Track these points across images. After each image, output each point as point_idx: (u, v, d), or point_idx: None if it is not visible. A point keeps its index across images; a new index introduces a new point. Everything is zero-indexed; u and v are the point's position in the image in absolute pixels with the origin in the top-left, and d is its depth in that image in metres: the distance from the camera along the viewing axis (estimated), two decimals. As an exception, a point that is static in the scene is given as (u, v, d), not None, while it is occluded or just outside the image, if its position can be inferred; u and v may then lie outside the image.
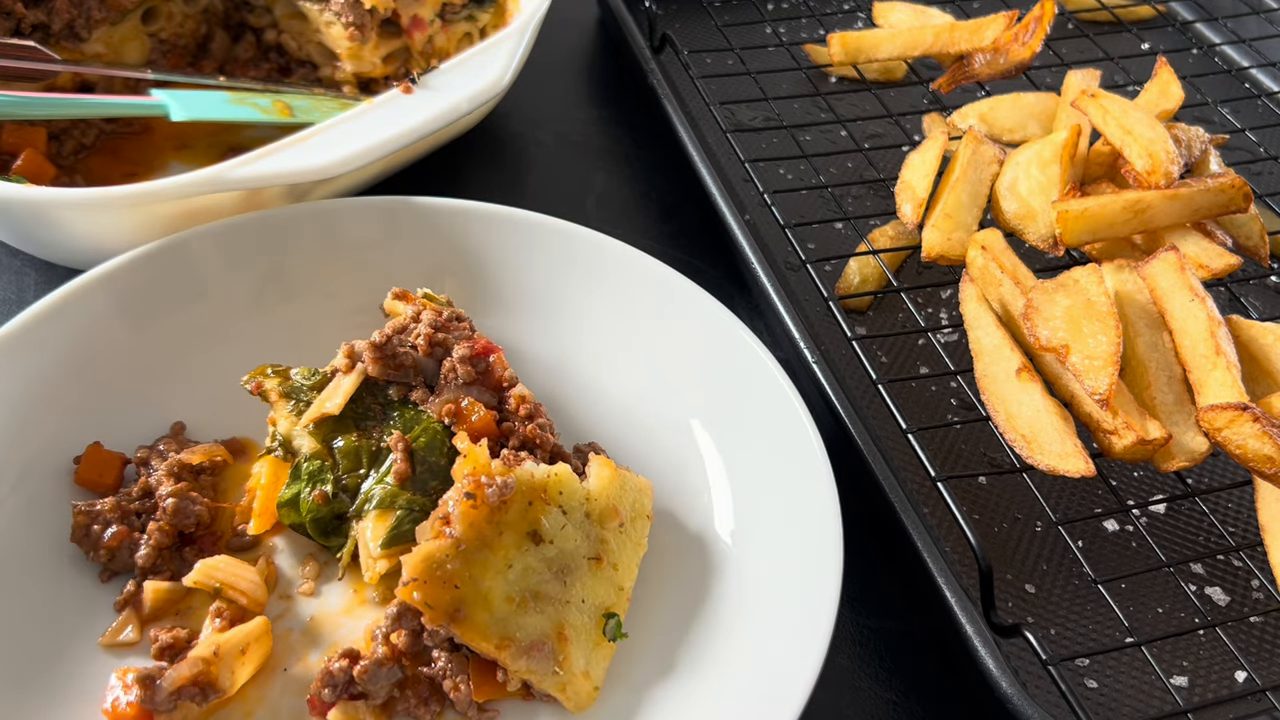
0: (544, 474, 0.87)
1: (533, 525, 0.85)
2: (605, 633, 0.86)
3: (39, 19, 1.19)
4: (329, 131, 1.08)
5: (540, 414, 0.97)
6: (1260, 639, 0.96)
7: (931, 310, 1.21)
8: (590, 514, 0.89)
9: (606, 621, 0.86)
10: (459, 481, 0.84)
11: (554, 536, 0.86)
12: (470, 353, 0.95)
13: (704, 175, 1.23)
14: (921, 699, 0.93)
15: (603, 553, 0.88)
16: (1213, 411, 0.88)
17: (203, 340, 1.04)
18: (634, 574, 0.90)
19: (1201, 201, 1.09)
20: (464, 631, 0.80)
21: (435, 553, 0.80)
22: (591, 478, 0.91)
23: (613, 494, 0.91)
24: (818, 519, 0.89)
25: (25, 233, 1.10)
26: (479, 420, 0.92)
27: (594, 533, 0.88)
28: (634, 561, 0.91)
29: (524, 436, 0.94)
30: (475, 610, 0.80)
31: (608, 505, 0.90)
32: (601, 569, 0.87)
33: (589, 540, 0.88)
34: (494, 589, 0.82)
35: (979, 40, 1.33)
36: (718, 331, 1.04)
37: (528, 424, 0.95)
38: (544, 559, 0.85)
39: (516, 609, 0.82)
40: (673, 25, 1.59)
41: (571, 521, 0.87)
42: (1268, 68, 1.57)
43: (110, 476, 0.94)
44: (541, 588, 0.84)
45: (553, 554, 0.85)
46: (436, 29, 1.36)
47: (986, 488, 1.05)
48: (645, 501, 0.94)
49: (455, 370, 0.94)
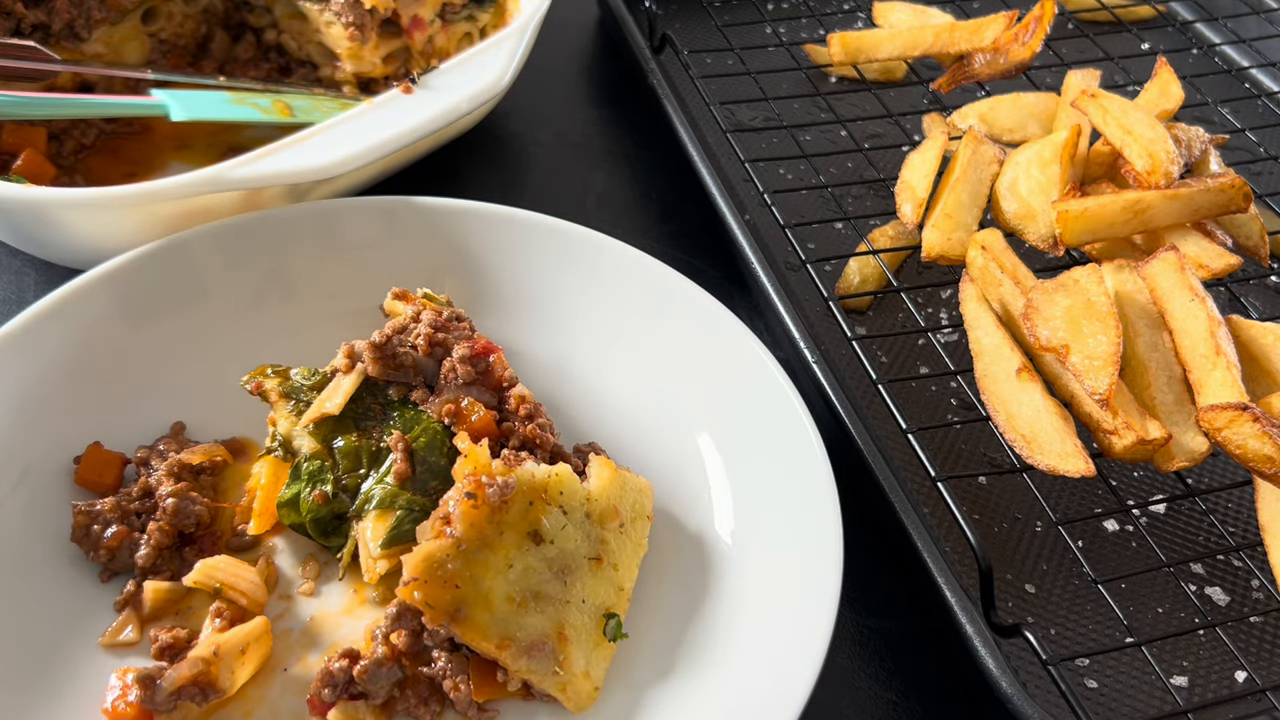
0: (545, 474, 0.87)
1: (533, 525, 0.85)
2: (605, 633, 0.86)
3: (39, 19, 1.19)
4: (329, 131, 1.08)
5: (540, 414, 0.97)
6: (1260, 639, 0.96)
7: (931, 310, 1.21)
8: (591, 514, 0.89)
9: (607, 622, 0.86)
10: (460, 481, 0.84)
11: (554, 536, 0.86)
12: (470, 353, 0.95)
13: (704, 175, 1.23)
14: (921, 699, 0.93)
15: (603, 553, 0.88)
16: (1213, 411, 0.88)
17: (203, 340, 1.04)
18: (634, 574, 0.90)
19: (1201, 201, 1.09)
20: (464, 631, 0.80)
21: (436, 552, 0.80)
22: (592, 478, 0.91)
23: (613, 494, 0.91)
24: (818, 519, 0.89)
25: (25, 233, 1.10)
26: (479, 420, 0.92)
27: (594, 533, 0.88)
28: (634, 562, 0.91)
29: (524, 436, 0.94)
30: (476, 610, 0.80)
31: (608, 506, 0.90)
32: (602, 569, 0.87)
33: (589, 540, 0.88)
34: (494, 589, 0.82)
35: (979, 40, 1.33)
36: (718, 331, 1.04)
37: (528, 424, 0.95)
38: (544, 559, 0.85)
39: (517, 609, 0.82)
40: (673, 25, 1.59)
41: (572, 522, 0.87)
42: (1268, 68, 1.57)
43: (110, 476, 0.94)
44: (542, 588, 0.84)
45: (553, 554, 0.85)
46: (436, 29, 1.36)
47: (986, 488, 1.05)
48: (645, 502, 0.94)
49: (455, 370, 0.94)
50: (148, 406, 0.99)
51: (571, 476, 0.89)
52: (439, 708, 0.83)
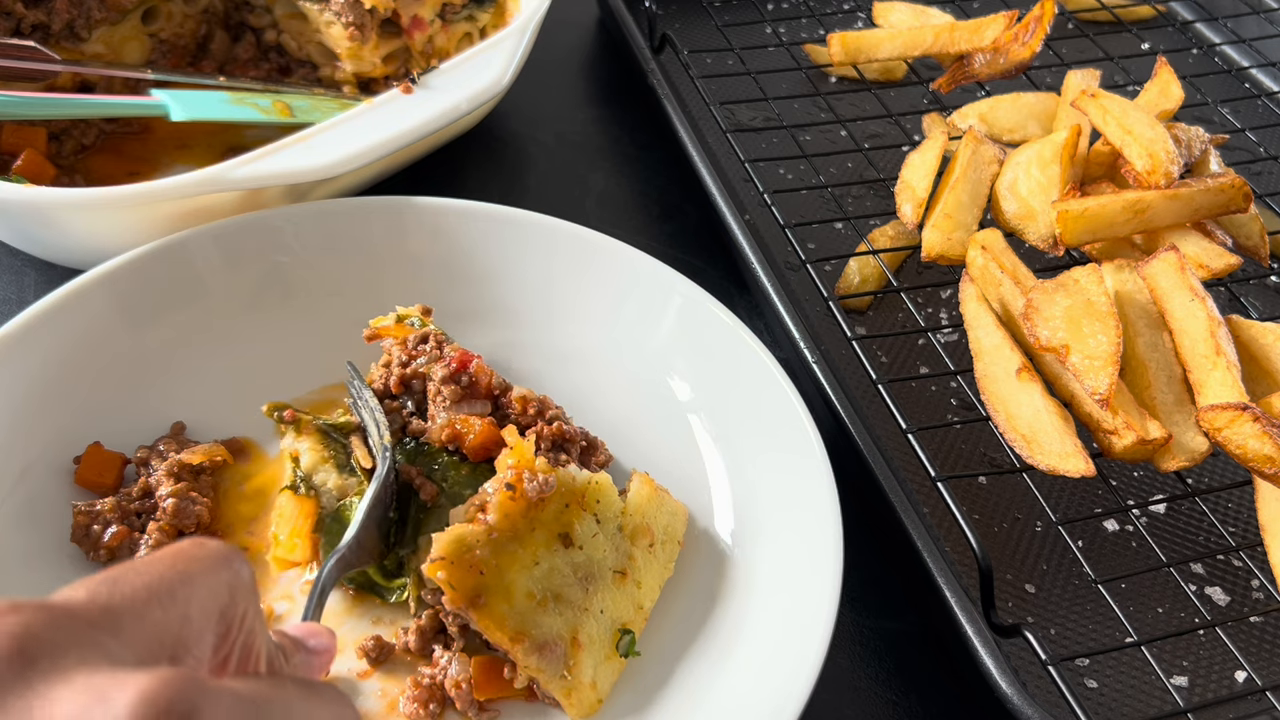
0: (585, 480, 0.87)
1: (565, 528, 0.85)
2: (618, 648, 0.86)
3: (39, 19, 1.19)
4: (329, 131, 1.08)
5: (550, 406, 0.96)
6: (1260, 639, 0.96)
7: (931, 310, 1.21)
8: (623, 528, 0.89)
9: (621, 637, 0.86)
10: (501, 472, 0.85)
11: (584, 543, 0.86)
12: (449, 371, 0.94)
13: (704, 175, 1.23)
14: (921, 699, 0.93)
15: (629, 568, 0.88)
16: (1213, 411, 0.88)
17: (203, 340, 1.04)
18: (656, 596, 0.90)
19: (1201, 201, 1.09)
20: (481, 618, 0.80)
21: (467, 536, 0.81)
22: (630, 493, 0.91)
23: (649, 513, 0.91)
24: (818, 519, 0.89)
25: (25, 233, 1.10)
26: (478, 436, 0.92)
27: (624, 547, 0.88)
28: (657, 584, 0.90)
29: (552, 435, 0.93)
30: (496, 599, 0.81)
31: (642, 523, 0.90)
32: (625, 584, 0.87)
33: (618, 553, 0.88)
34: (517, 582, 0.82)
35: (979, 40, 1.33)
36: (718, 331, 1.04)
37: (551, 423, 0.94)
38: (571, 563, 0.85)
39: (536, 606, 0.82)
40: (673, 25, 1.59)
41: (604, 532, 0.87)
42: (1268, 68, 1.57)
43: (110, 476, 0.94)
44: (564, 591, 0.84)
45: (580, 560, 0.85)
46: (436, 29, 1.36)
47: (986, 488, 1.05)
48: (679, 526, 0.94)
49: (441, 393, 0.93)
50: (148, 406, 0.99)
51: (611, 487, 0.89)
52: (439, 708, 0.83)
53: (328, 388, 1.05)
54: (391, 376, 0.96)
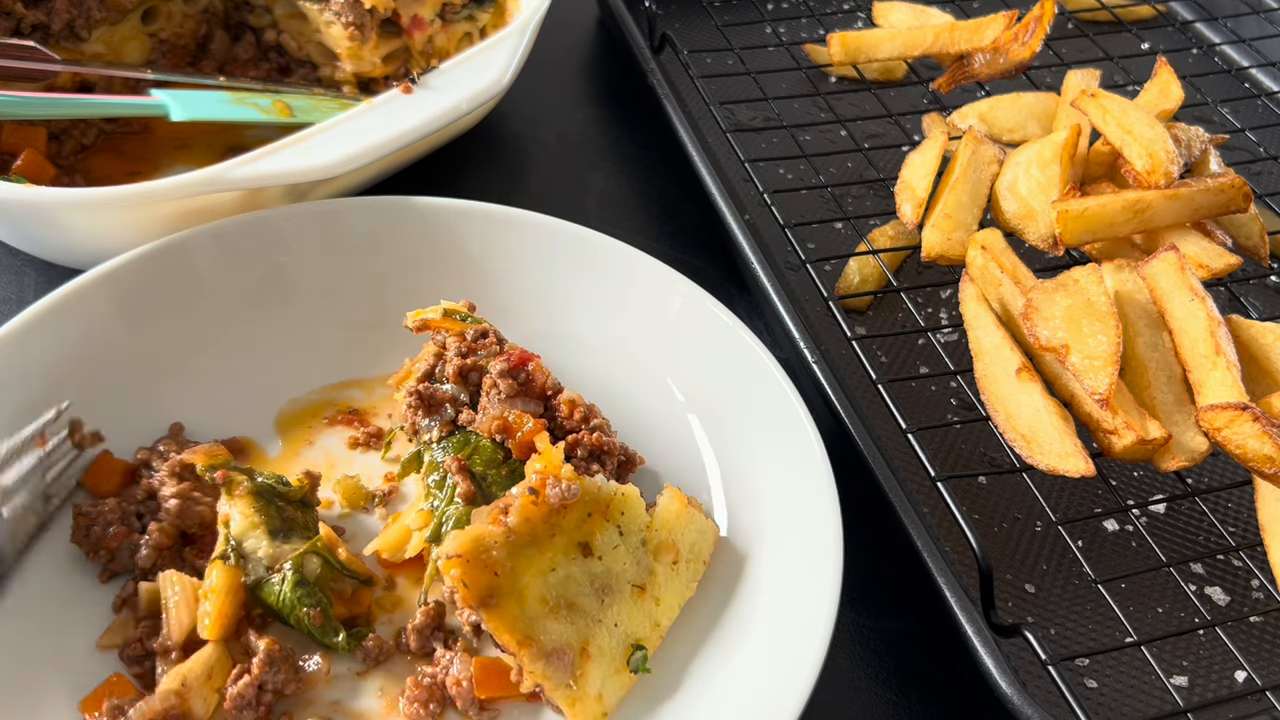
0: (611, 490, 0.87)
1: (586, 537, 0.85)
2: (630, 663, 0.85)
3: (39, 19, 1.19)
4: (329, 131, 1.08)
5: (595, 414, 0.96)
6: (1260, 639, 0.96)
7: (931, 310, 1.21)
8: (647, 542, 0.88)
9: (634, 652, 0.85)
10: (527, 475, 0.85)
11: (604, 554, 0.85)
12: (508, 366, 0.94)
13: (704, 175, 1.23)
14: (921, 699, 0.93)
15: (649, 584, 0.87)
16: (1213, 411, 0.88)
17: (203, 340, 1.04)
18: (674, 614, 0.88)
19: (1201, 201, 1.09)
20: (491, 619, 0.80)
21: (485, 536, 0.81)
22: (659, 508, 0.90)
23: (675, 529, 0.90)
24: (818, 519, 0.89)
25: (25, 233, 1.10)
26: (530, 432, 0.91)
27: (646, 562, 0.87)
28: (678, 602, 0.89)
29: (591, 445, 0.93)
30: (508, 601, 0.80)
31: (667, 539, 0.89)
32: (643, 600, 0.86)
33: (639, 568, 0.87)
34: (531, 586, 0.82)
35: (979, 40, 1.33)
36: (718, 331, 1.04)
37: (593, 432, 0.93)
38: (588, 573, 0.84)
39: (548, 612, 0.82)
40: (673, 25, 1.59)
41: (626, 545, 0.86)
42: (1268, 68, 1.57)
43: (116, 484, 0.94)
44: (578, 600, 0.83)
45: (598, 570, 0.85)
46: (436, 29, 1.36)
47: (986, 488, 1.05)
48: (706, 546, 0.92)
49: (497, 386, 0.93)
50: (148, 406, 0.99)
51: (637, 500, 0.88)
52: (439, 708, 0.83)
53: (328, 388, 1.05)
54: (449, 366, 0.95)
